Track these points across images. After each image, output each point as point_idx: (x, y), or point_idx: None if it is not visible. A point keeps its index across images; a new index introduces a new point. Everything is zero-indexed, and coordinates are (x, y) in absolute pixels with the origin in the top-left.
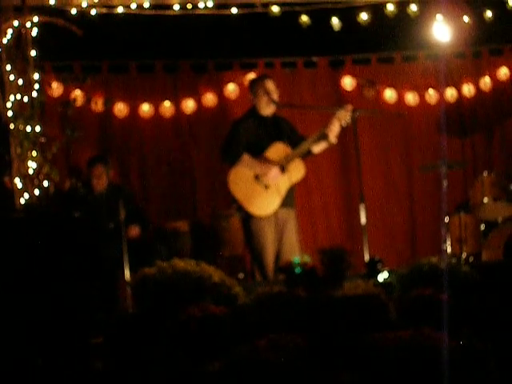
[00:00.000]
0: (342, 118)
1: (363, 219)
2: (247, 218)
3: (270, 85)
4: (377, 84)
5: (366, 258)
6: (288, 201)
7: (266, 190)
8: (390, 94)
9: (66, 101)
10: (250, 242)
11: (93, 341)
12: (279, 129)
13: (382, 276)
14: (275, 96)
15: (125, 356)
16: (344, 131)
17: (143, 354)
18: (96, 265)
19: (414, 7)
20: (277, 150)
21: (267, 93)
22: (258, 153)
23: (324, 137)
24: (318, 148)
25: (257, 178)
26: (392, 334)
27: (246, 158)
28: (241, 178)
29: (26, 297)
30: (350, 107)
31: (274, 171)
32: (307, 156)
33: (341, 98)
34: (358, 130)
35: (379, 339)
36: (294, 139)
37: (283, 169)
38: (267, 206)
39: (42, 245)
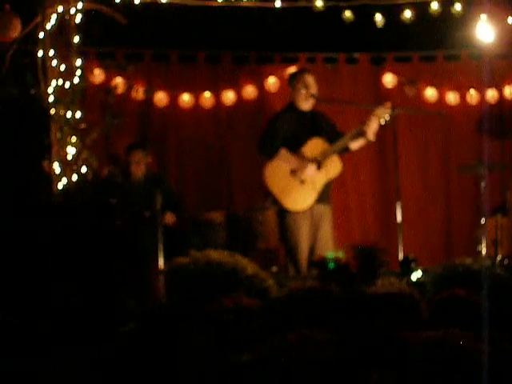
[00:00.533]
0: (381, 115)
1: (399, 217)
2: (282, 212)
3: (309, 79)
4: (418, 82)
5: (400, 256)
6: (324, 197)
7: (301, 184)
8: (430, 93)
9: (107, 88)
10: (284, 236)
11: (124, 328)
12: (317, 124)
13: (416, 275)
14: (314, 90)
15: (156, 345)
16: (383, 129)
17: (175, 344)
18: (131, 252)
19: (458, 6)
20: (314, 146)
21: (306, 87)
22: (295, 147)
23: (362, 134)
24: (356, 145)
25: (293, 172)
26: (424, 333)
27: (283, 152)
28: (277, 172)
29: (61, 282)
30: (389, 105)
31: (311, 168)
32: (345, 152)
33: (381, 96)
34: (397, 128)
35: (410, 338)
36: (331, 135)
37: (319, 165)
38: (302, 201)
39: (78, 231)
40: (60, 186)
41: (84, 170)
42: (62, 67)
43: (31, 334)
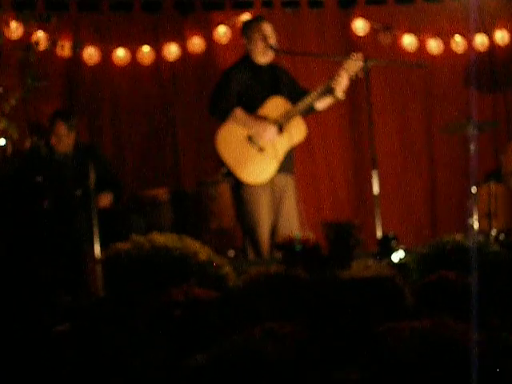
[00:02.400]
0: (352, 68)
1: (376, 188)
2: (238, 186)
3: (267, 27)
4: (393, 29)
5: (379, 233)
6: (286, 165)
7: (260, 153)
8: (409, 41)
9: (26, 44)
10: (241, 213)
11: (57, 328)
12: (278, 80)
13: (397, 255)
14: (273, 41)
15: (95, 347)
16: (354, 84)
17: (116, 345)
18: (60, 239)
19: None
20: (274, 106)
21: (263, 37)
22: (252, 108)
23: (330, 91)
24: (323, 104)
25: (250, 138)
26: (408, 323)
27: (238, 112)
28: (231, 138)
29: None
30: (360, 56)
31: (270, 131)
32: (309, 113)
33: (351, 45)
34: (371, 83)
35: (393, 330)
36: (294, 93)
37: (281, 128)
38: (261, 172)
39: None
40: None
41: (2, 142)
42: None
43: None
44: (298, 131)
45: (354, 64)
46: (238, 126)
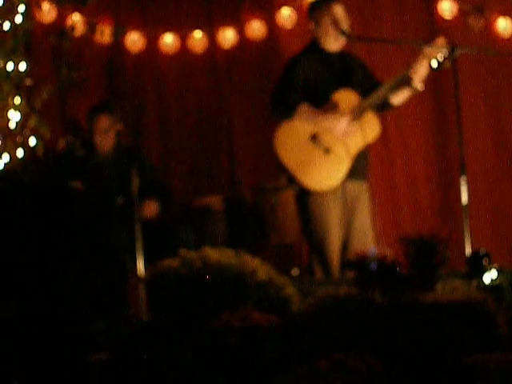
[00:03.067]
0: (432, 55)
1: (464, 197)
2: (304, 193)
3: (338, 9)
4: (487, 11)
5: (468, 250)
6: (359, 170)
7: (326, 154)
8: (504, 25)
9: (61, 29)
10: (307, 226)
11: (94, 358)
12: (349, 70)
13: (489, 276)
14: (345, 25)
15: (136, 380)
16: (439, 76)
17: (161, 378)
18: (99, 254)
19: None
20: (343, 99)
21: (334, 21)
22: (318, 102)
23: (407, 81)
24: (399, 98)
25: (314, 138)
26: (501, 356)
27: (303, 108)
28: (293, 138)
29: (7, 295)
30: (443, 41)
31: (345, 121)
32: (385, 110)
33: (436, 30)
34: (460, 75)
35: (483, 363)
36: (368, 85)
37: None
38: (328, 177)
39: (26, 225)
40: (1, 164)
41: (33, 142)
42: None
43: None
44: (370, 129)
45: (436, 50)
46: (301, 123)
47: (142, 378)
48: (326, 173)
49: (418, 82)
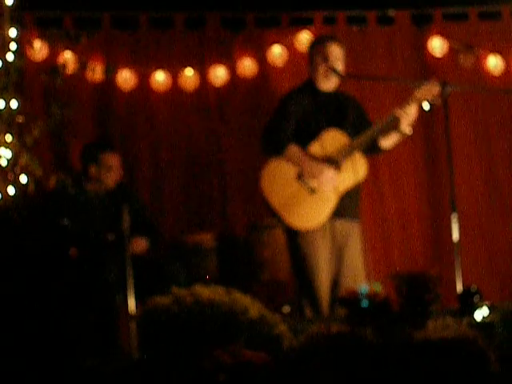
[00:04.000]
0: (423, 97)
1: (455, 235)
2: (293, 231)
3: (333, 49)
4: (477, 48)
5: (459, 287)
6: (348, 209)
7: (311, 194)
8: (494, 63)
9: (52, 67)
10: (296, 263)
11: None
12: (342, 110)
13: (481, 313)
14: (338, 64)
15: None
16: (431, 114)
17: None
18: (89, 291)
19: None
20: (331, 140)
21: (325, 59)
22: (307, 140)
23: (396, 124)
24: (389, 142)
25: (299, 177)
26: None
27: (293, 149)
28: (278, 177)
29: None
30: (435, 82)
31: (328, 172)
32: (374, 153)
33: (427, 68)
34: (450, 112)
35: None
36: (360, 125)
37: (338, 166)
38: (313, 216)
39: (17, 262)
40: None
41: (24, 179)
42: None
43: None
44: (360, 167)
45: (428, 91)
46: (287, 163)
47: None
48: (310, 212)
49: (407, 126)
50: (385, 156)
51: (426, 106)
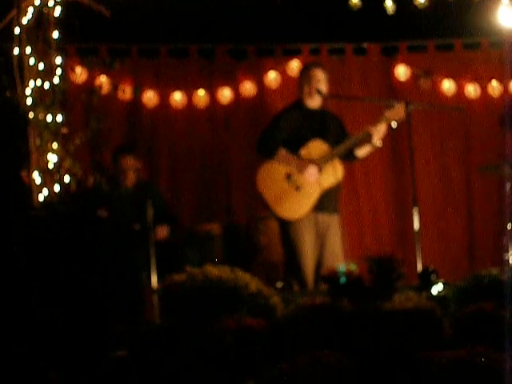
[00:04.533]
0: (392, 118)
1: (416, 225)
2: (284, 221)
3: (316, 73)
4: (434, 74)
5: (419, 267)
6: (329, 205)
7: (296, 191)
8: (448, 86)
9: (90, 88)
10: (286, 247)
11: (115, 354)
12: (325, 125)
13: (437, 288)
14: (321, 86)
15: (151, 371)
16: (396, 128)
17: (171, 370)
18: (120, 270)
19: None
20: (314, 148)
21: (309, 82)
22: (295, 148)
23: (368, 138)
24: (363, 152)
25: (288, 177)
26: (446, 353)
27: (281, 152)
28: (271, 176)
29: (42, 304)
30: (401, 105)
31: (312, 169)
32: (351, 160)
33: (394, 89)
34: (412, 125)
35: (431, 358)
36: (339, 137)
37: (319, 166)
38: (297, 209)
39: (62, 247)
40: (41, 197)
41: (67, 179)
42: (41, 66)
43: (15, 361)
44: (339, 170)
45: (395, 113)
46: (278, 165)
47: (155, 370)
48: (296, 205)
49: (377, 140)
50: (359, 162)
51: (393, 124)
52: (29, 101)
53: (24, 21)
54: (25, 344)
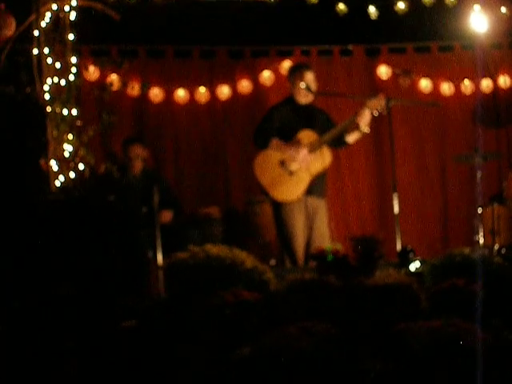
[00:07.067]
0: (373, 106)
1: (396, 208)
2: (277, 204)
3: (309, 76)
4: (412, 73)
5: (398, 247)
6: (317, 190)
7: (290, 175)
8: (425, 84)
9: (102, 85)
10: (279, 227)
11: (124, 324)
12: (313, 118)
13: (414, 266)
14: (311, 85)
15: (157, 340)
16: (378, 120)
17: (175, 339)
18: (129, 248)
19: None
20: (305, 137)
21: (301, 80)
22: (289, 137)
23: (356, 125)
24: (352, 138)
25: (282, 163)
26: (423, 323)
27: (274, 141)
28: (266, 163)
29: (60, 279)
30: (382, 96)
31: (303, 152)
32: (342, 146)
33: (376, 87)
34: (393, 119)
35: (409, 328)
36: (327, 128)
37: (309, 150)
38: (290, 192)
39: (76, 228)
40: (58, 183)
41: (81, 167)
42: (58, 65)
43: (31, 333)
44: (327, 156)
45: (376, 103)
46: (273, 152)
47: (161, 339)
48: (289, 189)
49: (365, 126)
50: (345, 150)
51: (375, 113)
52: (47, 96)
53: (42, 24)
54: (44, 316)
